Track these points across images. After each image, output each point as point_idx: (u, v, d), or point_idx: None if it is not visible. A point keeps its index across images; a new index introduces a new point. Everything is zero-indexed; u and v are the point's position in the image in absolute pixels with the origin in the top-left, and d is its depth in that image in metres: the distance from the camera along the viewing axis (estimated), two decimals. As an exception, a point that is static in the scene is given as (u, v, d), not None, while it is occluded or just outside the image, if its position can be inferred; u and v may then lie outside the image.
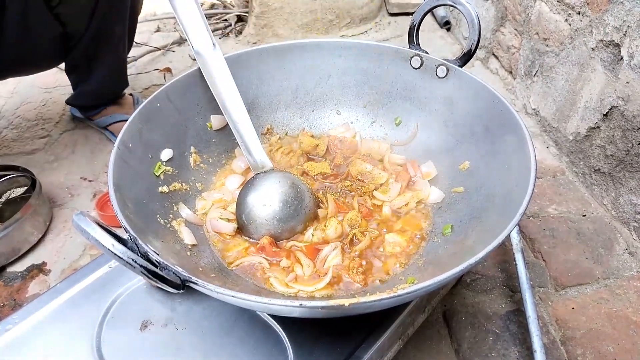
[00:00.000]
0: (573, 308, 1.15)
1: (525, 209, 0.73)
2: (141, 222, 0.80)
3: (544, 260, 1.26)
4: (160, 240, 0.82)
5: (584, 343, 1.08)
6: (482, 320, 1.12)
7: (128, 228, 0.70)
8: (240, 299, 0.62)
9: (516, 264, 1.15)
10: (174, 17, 2.48)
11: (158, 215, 0.89)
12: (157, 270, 0.60)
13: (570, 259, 1.26)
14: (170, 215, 0.92)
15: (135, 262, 0.57)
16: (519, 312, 1.14)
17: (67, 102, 1.71)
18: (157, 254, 0.68)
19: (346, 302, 0.60)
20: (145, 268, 0.58)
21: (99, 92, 1.65)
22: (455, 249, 0.85)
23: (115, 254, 0.57)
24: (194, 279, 0.64)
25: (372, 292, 0.83)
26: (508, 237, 1.22)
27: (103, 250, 0.58)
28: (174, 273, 0.65)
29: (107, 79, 1.61)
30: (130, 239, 0.69)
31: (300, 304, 0.61)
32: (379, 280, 0.88)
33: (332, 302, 0.60)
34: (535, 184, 0.77)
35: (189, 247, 0.88)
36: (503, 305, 1.16)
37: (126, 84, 1.70)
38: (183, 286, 0.65)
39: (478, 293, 1.19)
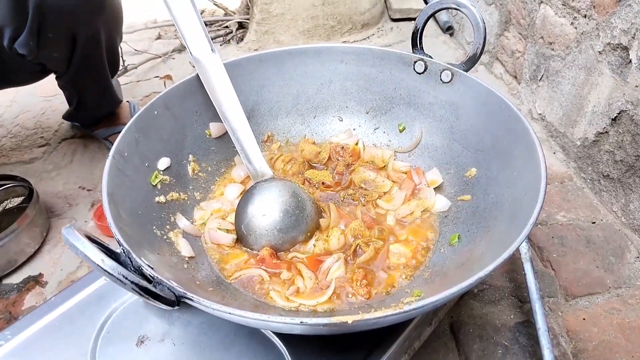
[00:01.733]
0: (584, 319, 1.12)
1: (537, 219, 0.69)
2: (136, 234, 0.77)
3: (553, 269, 1.23)
4: (156, 252, 0.79)
5: (597, 355, 1.04)
6: (491, 332, 1.09)
7: (121, 241, 0.67)
8: (238, 316, 0.59)
9: (525, 274, 1.11)
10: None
11: (154, 227, 0.86)
12: (150, 287, 0.56)
13: (580, 268, 1.23)
14: (167, 227, 0.90)
15: (126, 278, 0.54)
16: (528, 324, 1.10)
17: (64, 117, 1.70)
18: (152, 268, 0.65)
19: (349, 319, 0.57)
20: (137, 285, 0.55)
21: (91, 114, 1.66)
22: (463, 260, 0.82)
23: (104, 270, 0.54)
24: (189, 294, 0.61)
25: (376, 305, 0.80)
26: (516, 246, 1.19)
27: (92, 266, 0.55)
28: (168, 288, 0.62)
29: (96, 103, 1.61)
30: (124, 252, 0.67)
31: (301, 322, 0.57)
32: (384, 293, 0.84)
33: (334, 320, 0.57)
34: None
35: (186, 259, 0.85)
36: (512, 317, 1.12)
37: (118, 102, 1.69)
38: (178, 302, 0.62)
39: (486, 304, 1.15)
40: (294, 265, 0.88)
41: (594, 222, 1.35)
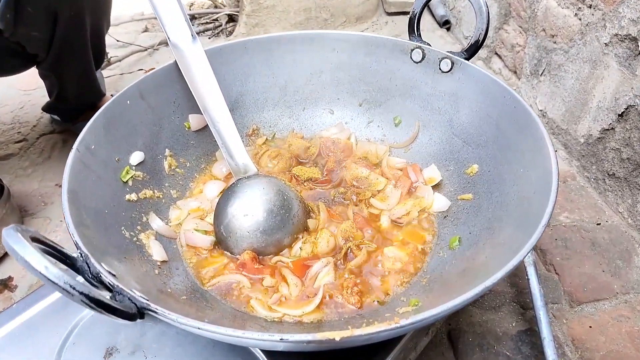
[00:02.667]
0: (590, 326, 1.05)
1: (549, 220, 0.62)
2: (101, 236, 0.69)
3: (556, 273, 1.16)
4: (123, 256, 0.71)
5: (605, 367, 0.97)
6: (491, 342, 1.02)
7: (79, 243, 0.60)
8: (209, 332, 0.51)
9: (528, 279, 1.04)
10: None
11: (123, 228, 0.79)
12: (103, 299, 0.48)
13: (585, 272, 1.16)
14: (138, 227, 0.82)
15: (74, 288, 0.46)
16: (531, 332, 1.03)
17: (43, 109, 1.61)
18: (112, 275, 0.57)
19: (337, 335, 0.50)
20: (87, 296, 0.46)
21: (72, 105, 1.57)
22: (465, 266, 0.75)
23: (47, 279, 0.45)
24: (152, 306, 0.53)
25: (369, 316, 0.73)
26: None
27: (34, 274, 0.46)
28: (129, 299, 0.53)
29: (77, 93, 1.52)
30: (81, 256, 0.58)
31: (282, 339, 0.50)
32: (377, 302, 0.77)
33: (319, 336, 0.49)
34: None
35: (158, 264, 0.78)
36: (514, 324, 1.05)
37: (101, 95, 1.60)
38: (141, 315, 0.54)
39: (486, 310, 1.08)
40: (278, 271, 0.81)
41: (598, 224, 1.28)
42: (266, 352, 0.72)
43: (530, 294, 1.02)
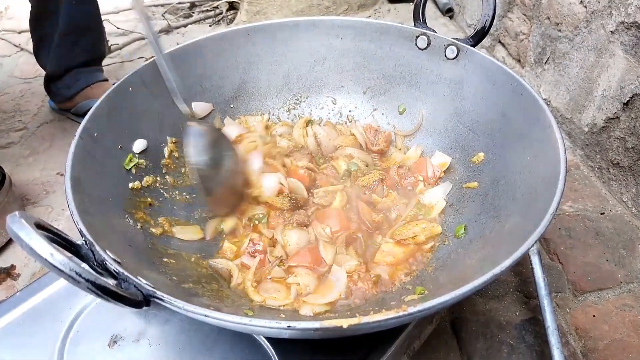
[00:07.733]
0: (594, 316, 1.05)
1: (557, 208, 0.61)
2: (104, 224, 0.69)
3: (560, 262, 1.16)
4: (127, 244, 0.70)
5: (608, 355, 0.98)
6: (495, 330, 1.02)
7: (84, 231, 0.59)
8: (215, 319, 0.51)
9: (532, 268, 1.03)
10: (162, 5, 2.37)
11: (127, 215, 0.78)
12: (109, 286, 0.48)
13: (589, 262, 1.15)
14: (142, 215, 0.81)
15: (80, 275, 0.45)
16: (535, 321, 1.03)
17: (45, 81, 1.58)
18: (118, 263, 0.57)
19: (345, 323, 0.49)
20: (93, 283, 0.46)
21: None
22: (471, 254, 0.74)
23: (53, 266, 0.45)
24: (158, 293, 0.52)
25: (374, 304, 0.72)
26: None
27: (40, 262, 0.46)
28: (135, 286, 0.53)
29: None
30: (86, 244, 0.58)
31: (289, 326, 0.49)
32: (383, 291, 0.76)
33: (327, 324, 0.49)
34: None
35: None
36: (517, 313, 1.05)
37: (103, 52, 1.57)
38: (147, 302, 0.54)
39: (489, 299, 1.08)
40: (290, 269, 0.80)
41: (602, 213, 1.27)
42: (271, 340, 0.72)
43: (534, 283, 1.01)
